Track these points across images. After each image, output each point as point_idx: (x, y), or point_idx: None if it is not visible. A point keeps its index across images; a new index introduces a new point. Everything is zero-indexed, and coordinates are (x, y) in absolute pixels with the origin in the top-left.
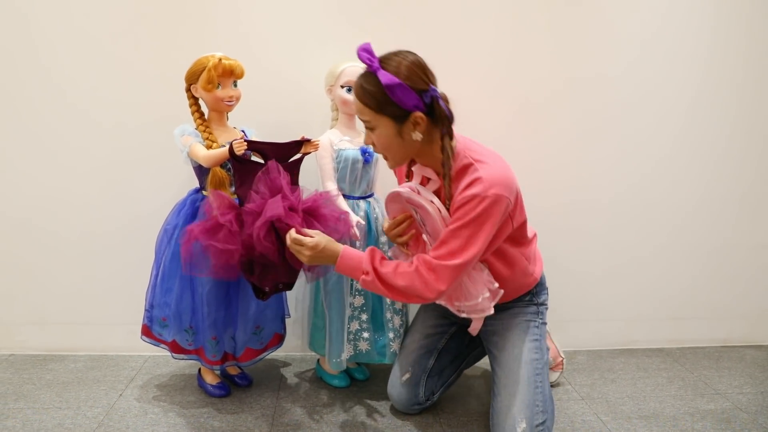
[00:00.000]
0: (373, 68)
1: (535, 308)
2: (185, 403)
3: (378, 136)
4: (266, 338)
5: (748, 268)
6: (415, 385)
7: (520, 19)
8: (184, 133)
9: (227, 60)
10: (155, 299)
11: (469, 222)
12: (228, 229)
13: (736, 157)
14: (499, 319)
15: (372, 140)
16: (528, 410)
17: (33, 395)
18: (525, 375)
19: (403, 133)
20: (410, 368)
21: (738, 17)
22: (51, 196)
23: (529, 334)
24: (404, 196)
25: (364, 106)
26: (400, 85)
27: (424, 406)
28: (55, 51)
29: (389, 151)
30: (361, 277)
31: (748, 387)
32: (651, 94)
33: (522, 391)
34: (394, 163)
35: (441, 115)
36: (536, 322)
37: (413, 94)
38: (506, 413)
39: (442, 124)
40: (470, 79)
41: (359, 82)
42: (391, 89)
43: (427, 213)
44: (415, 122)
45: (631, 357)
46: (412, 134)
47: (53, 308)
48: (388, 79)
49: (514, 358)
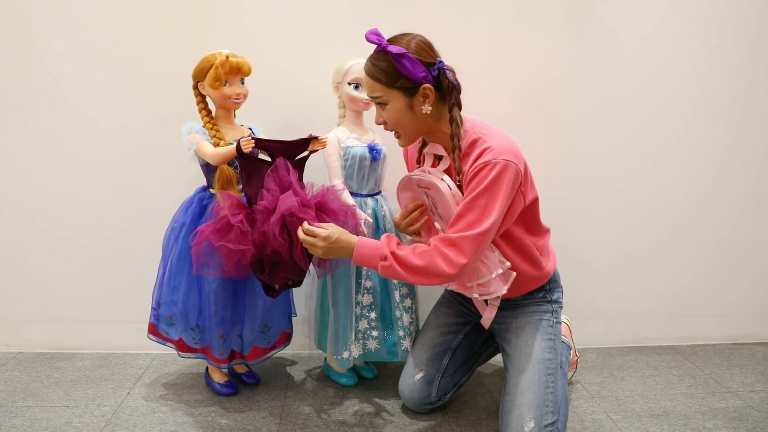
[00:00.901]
0: (382, 46)
1: (549, 306)
2: (193, 401)
3: (389, 111)
4: (274, 337)
5: (759, 264)
6: (428, 384)
7: (524, 8)
8: (191, 130)
9: (234, 57)
10: (162, 297)
11: (484, 191)
12: (239, 229)
13: (746, 150)
14: (513, 316)
15: (383, 118)
16: (537, 410)
17: (41, 393)
18: (536, 374)
19: (413, 107)
20: (424, 367)
21: (748, 7)
22: (57, 197)
23: (543, 333)
24: (414, 178)
25: (375, 81)
26: (409, 57)
27: (434, 406)
28: (59, 52)
29: (401, 126)
30: (379, 264)
31: (760, 385)
32: (659, 84)
33: (532, 390)
34: (406, 140)
35: (449, 87)
36: (551, 321)
37: (422, 66)
38: (515, 412)
39: (450, 95)
40: (479, 71)
41: (369, 61)
42: (400, 61)
43: (438, 192)
44: (424, 95)
45: (641, 355)
46: (422, 107)
47: (61, 307)
48: (398, 49)
49: (526, 356)
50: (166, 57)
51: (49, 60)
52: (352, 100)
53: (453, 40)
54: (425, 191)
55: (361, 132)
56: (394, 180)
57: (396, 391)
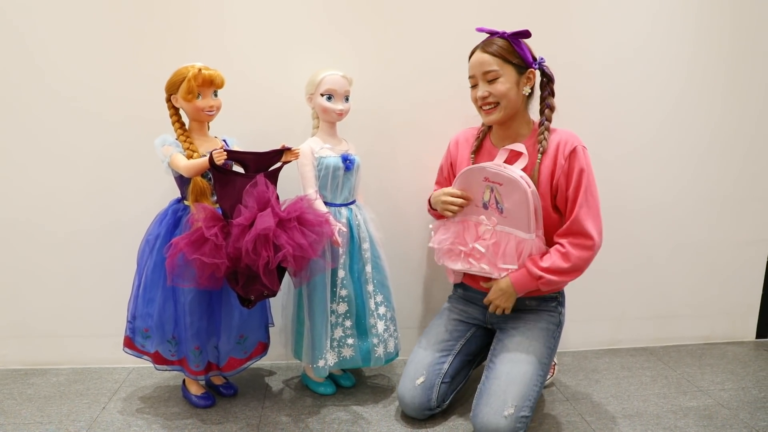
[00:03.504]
0: (499, 33)
1: (558, 319)
2: (169, 414)
3: (500, 83)
4: (250, 347)
5: (730, 266)
6: (429, 389)
7: (502, 11)
8: (164, 143)
9: (207, 70)
10: (137, 310)
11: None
12: (214, 243)
13: (718, 155)
14: (524, 320)
15: (487, 92)
16: (520, 401)
17: (13, 411)
18: (532, 371)
19: (519, 84)
20: (425, 372)
21: (722, 16)
22: (32, 209)
23: (547, 341)
24: (491, 171)
25: (491, 56)
26: (524, 43)
27: (434, 412)
28: (34, 63)
29: (506, 98)
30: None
31: (730, 383)
32: (635, 90)
33: (523, 382)
34: (500, 114)
35: (549, 76)
36: (555, 334)
37: (530, 54)
38: (499, 396)
39: (548, 85)
40: (458, 79)
41: (487, 41)
42: (518, 42)
43: (515, 190)
44: (528, 77)
45: (615, 357)
46: (524, 88)
47: (34, 322)
48: (518, 32)
49: (526, 353)
50: (143, 70)
51: (19, 73)
52: (325, 110)
53: (431, 56)
54: (493, 186)
55: (335, 142)
56: (368, 189)
57: (374, 399)
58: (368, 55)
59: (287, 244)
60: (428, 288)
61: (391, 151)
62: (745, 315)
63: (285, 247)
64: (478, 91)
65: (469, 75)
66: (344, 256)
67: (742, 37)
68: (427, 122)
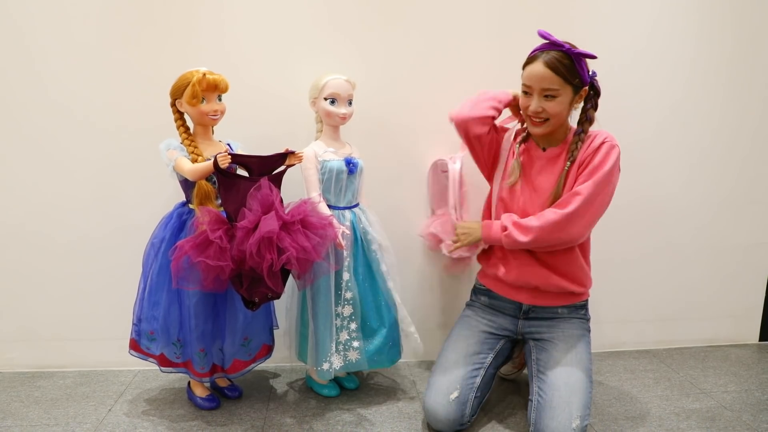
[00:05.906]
0: (564, 48)
1: (588, 326)
2: (175, 416)
3: (557, 103)
4: (254, 349)
5: (733, 268)
6: (463, 404)
7: (507, 17)
8: (169, 147)
9: (211, 75)
10: (143, 313)
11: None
12: (218, 246)
13: (720, 157)
14: (560, 329)
15: (542, 107)
16: (583, 410)
17: (21, 413)
18: (584, 379)
19: (572, 103)
20: (458, 386)
21: (722, 21)
22: (38, 213)
23: (586, 346)
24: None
25: (556, 75)
26: (584, 62)
27: (464, 426)
28: (35, 70)
29: (559, 116)
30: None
31: (733, 385)
32: (635, 91)
33: (583, 391)
34: (549, 129)
35: (597, 90)
36: (588, 340)
37: (587, 71)
38: (565, 408)
39: (595, 98)
40: (461, 82)
41: (553, 57)
42: (581, 63)
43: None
44: (581, 95)
45: (618, 359)
46: (575, 105)
47: (41, 325)
48: (582, 52)
49: (577, 360)
50: (146, 74)
51: (20, 80)
52: (329, 114)
53: (436, 59)
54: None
55: (338, 146)
56: (370, 193)
57: (378, 401)
58: (371, 59)
59: (291, 246)
60: (431, 290)
61: (394, 154)
62: (748, 318)
63: (289, 250)
64: (532, 105)
65: (524, 83)
66: (348, 259)
67: (742, 41)
68: (429, 126)
